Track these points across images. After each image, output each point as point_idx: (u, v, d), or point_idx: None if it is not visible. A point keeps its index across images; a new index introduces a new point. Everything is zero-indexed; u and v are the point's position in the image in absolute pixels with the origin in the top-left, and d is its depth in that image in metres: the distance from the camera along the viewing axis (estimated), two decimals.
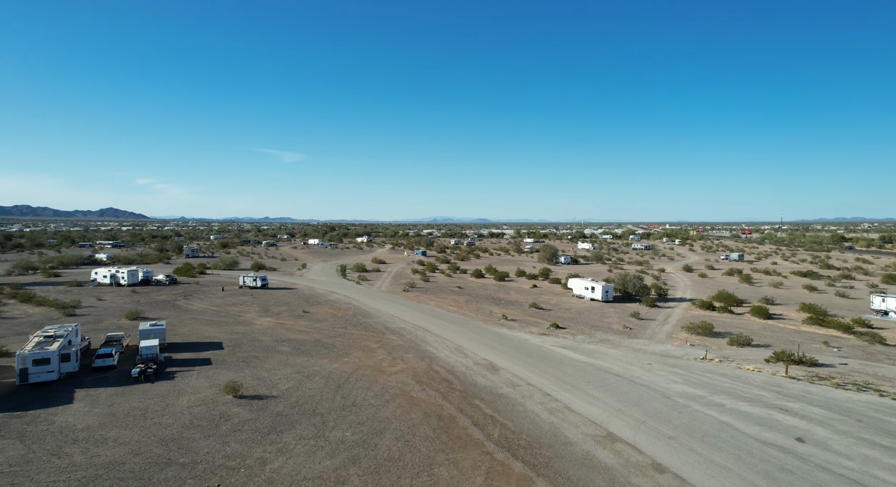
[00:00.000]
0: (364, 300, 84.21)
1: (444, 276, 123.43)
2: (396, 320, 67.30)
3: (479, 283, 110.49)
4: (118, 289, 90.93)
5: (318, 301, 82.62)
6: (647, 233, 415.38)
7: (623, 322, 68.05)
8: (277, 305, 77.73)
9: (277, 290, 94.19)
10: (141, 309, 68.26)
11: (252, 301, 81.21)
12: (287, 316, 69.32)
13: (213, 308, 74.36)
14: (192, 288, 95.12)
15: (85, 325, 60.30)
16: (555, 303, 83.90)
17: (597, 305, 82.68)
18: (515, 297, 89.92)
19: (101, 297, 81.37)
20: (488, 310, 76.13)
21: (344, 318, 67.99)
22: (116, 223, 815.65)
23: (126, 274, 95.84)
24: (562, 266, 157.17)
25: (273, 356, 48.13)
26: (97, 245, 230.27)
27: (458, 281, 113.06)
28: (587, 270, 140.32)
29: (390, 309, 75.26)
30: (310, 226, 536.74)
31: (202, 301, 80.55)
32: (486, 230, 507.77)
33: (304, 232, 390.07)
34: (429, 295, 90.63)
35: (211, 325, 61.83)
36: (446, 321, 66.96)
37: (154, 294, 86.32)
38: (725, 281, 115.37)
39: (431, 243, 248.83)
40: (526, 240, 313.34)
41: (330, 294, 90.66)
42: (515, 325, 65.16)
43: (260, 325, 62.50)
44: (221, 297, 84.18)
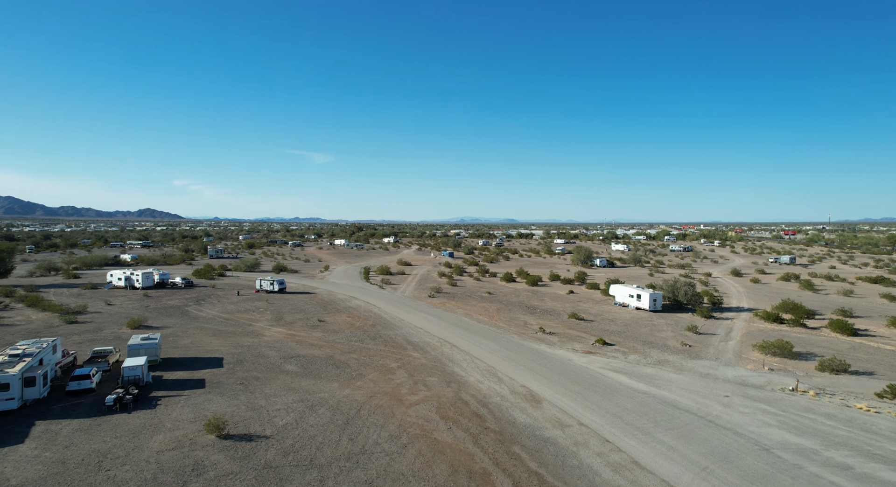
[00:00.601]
0: (386, 307, 77.47)
1: (473, 280, 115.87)
2: (420, 332, 60.15)
3: (510, 288, 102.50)
4: (131, 293, 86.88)
5: (337, 308, 76.30)
6: (683, 234, 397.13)
7: (679, 337, 59.08)
8: (292, 312, 71.74)
9: (295, 295, 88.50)
10: (145, 317, 63.16)
11: (266, 307, 75.53)
12: (300, 325, 63.09)
13: (223, 315, 68.87)
14: (207, 291, 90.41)
15: (81, 335, 55.40)
16: (596, 313, 75.28)
17: (644, 316, 73.64)
18: (551, 305, 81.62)
19: (111, 301, 77.15)
20: (522, 321, 68.22)
21: (362, 329, 61.28)
22: (152, 223, 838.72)
23: (140, 276, 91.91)
24: (597, 269, 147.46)
25: (276, 377, 41.63)
26: (127, 245, 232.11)
27: (487, 286, 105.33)
28: (625, 274, 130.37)
29: (414, 319, 68.23)
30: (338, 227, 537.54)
31: (214, 307, 75.35)
32: (514, 230, 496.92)
33: (331, 232, 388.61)
34: (456, 302, 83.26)
35: (216, 336, 56.03)
36: (476, 334, 59.39)
37: (166, 298, 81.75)
38: (783, 288, 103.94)
39: (459, 244, 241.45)
40: (556, 241, 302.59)
41: (350, 300, 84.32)
42: (555, 340, 57.06)
43: (269, 337, 56.36)
44: (235, 303, 78.87)
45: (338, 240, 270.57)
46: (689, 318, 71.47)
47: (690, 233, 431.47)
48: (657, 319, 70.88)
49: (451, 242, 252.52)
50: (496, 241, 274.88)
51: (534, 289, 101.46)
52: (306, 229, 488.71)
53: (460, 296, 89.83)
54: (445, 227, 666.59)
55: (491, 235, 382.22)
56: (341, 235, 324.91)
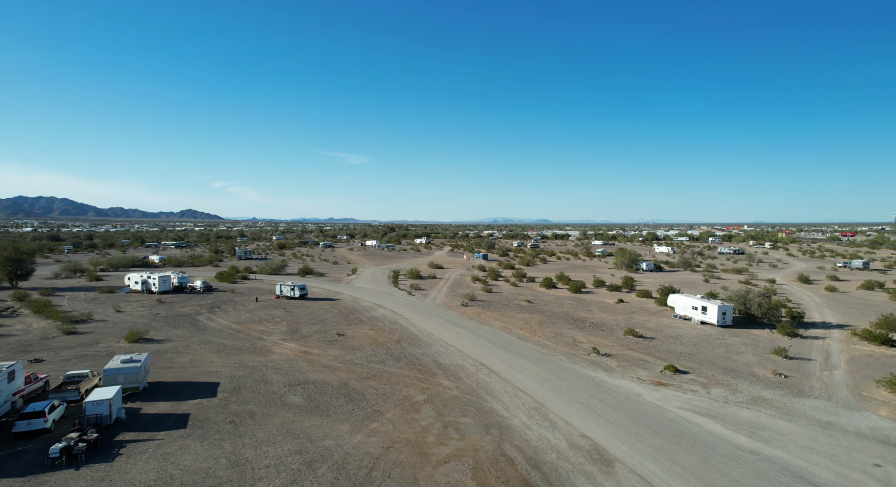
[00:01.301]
0: (414, 318, 69.38)
1: (509, 286, 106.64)
2: (451, 351, 51.65)
3: (551, 295, 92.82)
4: (146, 298, 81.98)
5: (359, 318, 68.74)
6: (729, 236, 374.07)
7: (767, 362, 48.39)
8: (310, 323, 64.54)
9: (317, 301, 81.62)
10: (146, 329, 57.04)
11: (283, 316, 68.70)
12: (316, 340, 55.63)
13: (234, 326, 62.30)
14: (224, 297, 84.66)
15: (73, 349, 49.55)
16: (654, 328, 64.97)
17: (713, 332, 62.84)
18: (601, 317, 71.67)
19: (121, 308, 72.04)
20: (571, 337, 58.75)
21: (385, 346, 53.28)
22: (192, 223, 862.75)
23: (157, 281, 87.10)
24: (644, 274, 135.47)
25: (276, 412, 33.99)
26: (161, 245, 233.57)
27: (525, 293, 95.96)
28: (677, 280, 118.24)
29: (445, 333, 59.81)
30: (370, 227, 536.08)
31: (227, 315, 69.09)
32: (548, 231, 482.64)
33: (363, 233, 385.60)
34: (492, 312, 74.42)
35: (219, 353, 49.15)
36: (517, 355, 50.40)
37: (180, 304, 76.23)
38: (870, 299, 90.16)
39: (492, 245, 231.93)
40: (594, 243, 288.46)
41: (375, 308, 76.70)
42: (614, 365, 47.45)
43: (278, 355, 49.07)
44: (251, 311, 72.48)
45: (369, 240, 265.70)
46: (768, 336, 60.31)
47: (736, 234, 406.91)
48: (730, 337, 60.02)
49: (484, 243, 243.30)
50: (531, 243, 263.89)
51: (578, 297, 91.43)
52: (339, 230, 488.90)
53: (496, 305, 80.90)
54: (478, 228, 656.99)
55: (525, 236, 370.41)
56: (373, 236, 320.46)
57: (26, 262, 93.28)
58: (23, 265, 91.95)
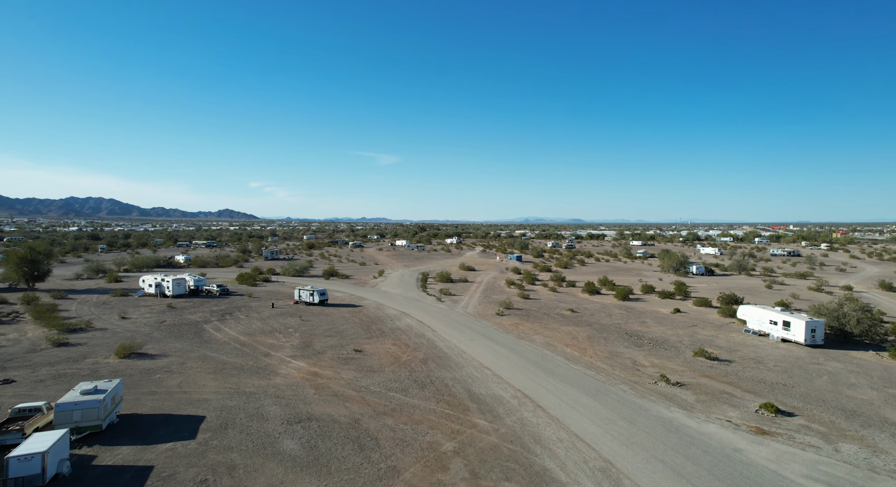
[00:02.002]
0: (443, 329, 61.14)
1: (548, 291, 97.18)
2: (487, 376, 43.10)
3: (595, 303, 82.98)
4: (156, 303, 76.70)
5: (381, 329, 60.99)
6: (777, 236, 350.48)
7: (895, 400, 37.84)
8: (326, 335, 57.17)
9: (337, 308, 74.48)
10: (139, 343, 50.59)
11: (297, 327, 61.65)
12: (330, 357, 48.09)
13: (242, 337, 55.54)
14: (240, 302, 78.61)
15: (54, 366, 43.45)
16: (727, 346, 54.62)
17: (802, 354, 52.04)
18: (659, 331, 61.66)
19: (127, 314, 66.62)
20: (629, 358, 49.26)
21: (409, 367, 45.22)
22: (228, 223, 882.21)
23: (171, 284, 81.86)
24: (695, 278, 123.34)
25: (263, 467, 26.33)
26: (192, 245, 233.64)
27: (566, 299, 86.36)
28: (733, 285, 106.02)
29: (478, 351, 51.28)
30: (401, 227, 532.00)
31: (238, 324, 62.59)
32: (583, 231, 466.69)
33: (394, 232, 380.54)
34: (532, 323, 65.46)
35: (217, 374, 42.15)
36: (568, 383, 41.40)
37: (190, 310, 70.39)
38: None
39: (526, 246, 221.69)
40: (633, 243, 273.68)
41: (400, 317, 68.89)
42: (691, 399, 37.91)
43: (283, 377, 41.70)
44: (264, 319, 65.83)
45: (399, 240, 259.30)
46: (876, 361, 49.19)
47: (784, 234, 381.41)
48: (827, 361, 49.19)
49: (517, 244, 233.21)
50: (566, 243, 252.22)
51: (627, 306, 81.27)
52: (370, 229, 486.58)
53: (536, 314, 71.83)
54: (510, 228, 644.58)
55: (559, 236, 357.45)
56: (404, 235, 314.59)
57: (43, 263, 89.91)
58: (39, 266, 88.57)
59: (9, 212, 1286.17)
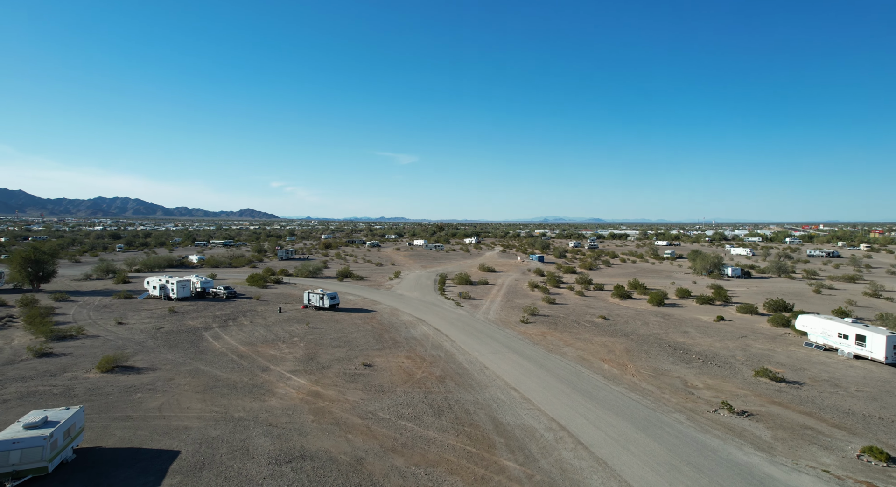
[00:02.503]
0: (462, 339, 55.14)
1: (575, 295, 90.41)
2: (514, 400, 36.93)
3: (628, 309, 76.01)
4: (161, 305, 72.49)
5: (395, 339, 55.28)
6: (810, 236, 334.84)
7: None
8: (333, 345, 51.70)
9: (348, 314, 69.16)
10: (125, 354, 45.56)
11: (303, 335, 56.36)
12: (335, 373, 42.54)
13: (241, 347, 50.42)
14: (247, 305, 73.92)
15: (27, 382, 38.69)
16: (790, 364, 47.37)
17: (886, 375, 44.38)
18: (706, 344, 54.60)
19: (125, 320, 62.26)
20: (677, 377, 42.55)
21: (424, 386, 39.37)
22: (248, 222, 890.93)
23: (175, 286, 77.64)
24: (730, 280, 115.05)
25: None
26: (210, 244, 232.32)
27: (596, 304, 79.57)
28: (776, 289, 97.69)
29: (503, 366, 45.14)
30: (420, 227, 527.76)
31: (240, 331, 57.62)
32: (604, 231, 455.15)
33: (412, 232, 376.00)
34: (561, 333, 59.02)
35: (205, 393, 36.93)
36: (611, 410, 34.96)
37: (192, 315, 65.83)
38: None
39: (547, 246, 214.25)
40: (658, 244, 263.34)
41: (416, 324, 63.15)
42: (765, 435, 31.15)
43: (280, 398, 36.25)
44: (268, 325, 60.78)
45: (417, 240, 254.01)
46: None
47: (817, 233, 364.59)
48: None
49: (537, 244, 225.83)
50: (588, 243, 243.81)
51: (663, 312, 74.12)
52: (388, 229, 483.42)
53: (564, 322, 65.33)
54: (529, 227, 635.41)
55: (580, 236, 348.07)
56: (422, 235, 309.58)
57: (48, 264, 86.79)
58: (44, 267, 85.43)
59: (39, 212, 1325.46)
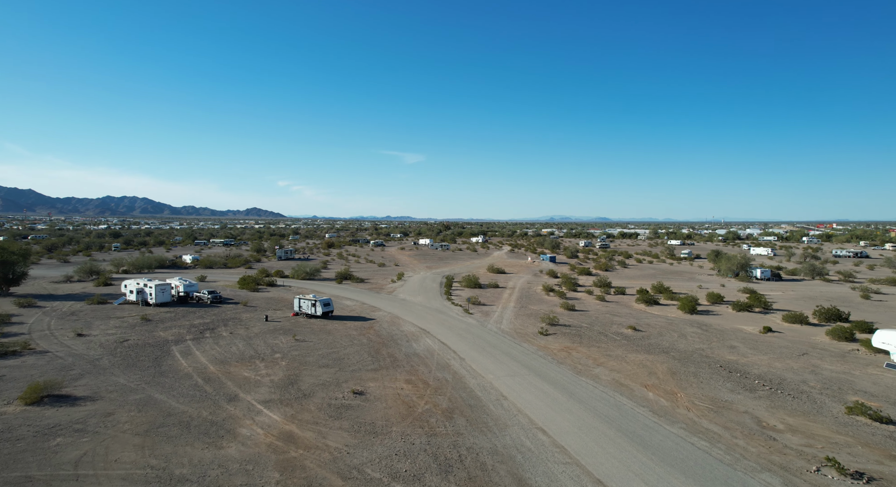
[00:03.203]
0: (473, 357, 46.90)
1: (595, 300, 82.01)
2: (544, 447, 28.60)
3: (657, 317, 67.51)
4: (137, 312, 64.87)
5: (394, 356, 47.13)
6: (828, 235, 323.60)
7: None
8: (320, 365, 43.62)
9: (343, 322, 61.17)
10: (59, 381, 37.52)
11: (288, 350, 48.33)
12: (318, 405, 34.44)
13: (212, 367, 42.50)
14: (231, 312, 66.17)
15: None
16: (883, 394, 38.45)
17: None
18: (762, 362, 45.98)
19: (89, 330, 54.50)
20: (745, 412, 34.09)
21: (426, 425, 31.22)
22: (254, 221, 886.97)
23: (154, 290, 70.03)
24: (760, 283, 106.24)
25: None
26: (210, 243, 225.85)
27: (620, 311, 71.13)
28: (815, 294, 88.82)
29: (524, 396, 36.78)
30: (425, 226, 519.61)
31: (216, 345, 49.75)
32: (612, 230, 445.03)
33: (417, 231, 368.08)
34: (587, 347, 50.67)
35: (146, 438, 28.95)
36: (675, 467, 26.57)
37: (166, 324, 58.06)
38: None
39: (557, 245, 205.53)
40: (672, 243, 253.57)
41: (419, 336, 55.01)
42: None
43: (242, 443, 28.23)
44: (249, 338, 52.85)
45: (423, 239, 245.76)
46: None
47: (835, 233, 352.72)
48: None
49: (547, 243, 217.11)
50: (599, 242, 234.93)
51: (698, 321, 65.54)
52: (394, 228, 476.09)
53: (589, 333, 56.94)
54: (535, 226, 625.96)
55: (589, 235, 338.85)
56: (427, 234, 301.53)
57: (18, 265, 79.48)
58: (13, 268, 78.12)
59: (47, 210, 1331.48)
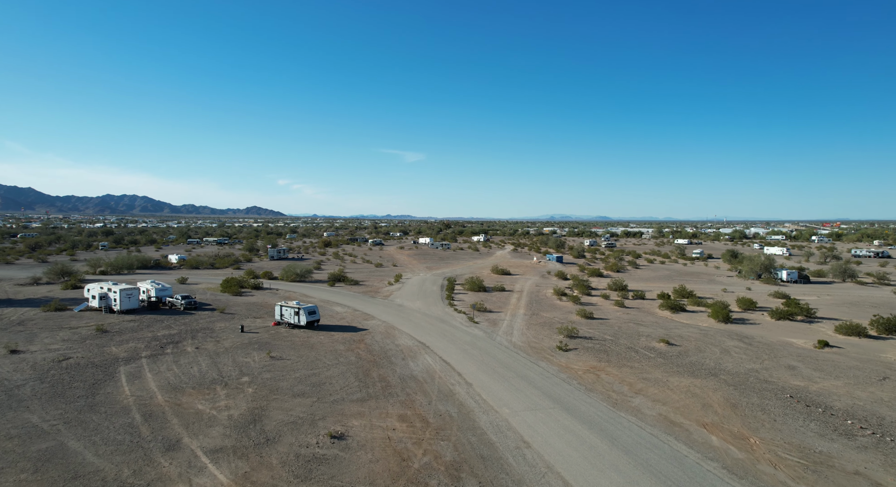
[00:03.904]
0: (482, 382, 38.57)
1: (613, 305, 73.83)
2: None
3: (688, 326, 59.23)
4: (96, 320, 56.70)
5: (386, 380, 38.83)
6: (838, 234, 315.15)
7: None
8: (294, 394, 35.29)
9: (330, 334, 52.93)
10: None
11: (258, 371, 40.01)
12: (281, 458, 26.13)
13: (159, 396, 34.21)
14: (203, 321, 57.96)
15: None
16: None
17: None
18: (838, 390, 37.62)
19: (30, 343, 46.13)
20: (854, 473, 25.85)
21: None
22: (253, 219, 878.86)
23: (119, 296, 61.83)
24: (788, 285, 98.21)
25: None
26: (203, 242, 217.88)
27: (643, 319, 62.85)
28: (854, 297, 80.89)
29: (553, 444, 28.45)
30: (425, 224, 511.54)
31: (174, 364, 41.50)
32: (614, 228, 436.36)
33: (417, 229, 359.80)
34: (618, 367, 42.42)
35: None
36: None
37: (122, 336, 49.78)
38: None
39: (562, 244, 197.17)
40: (678, 242, 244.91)
41: (416, 353, 46.73)
42: None
43: None
44: (217, 354, 44.58)
45: (423, 238, 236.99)
46: None
47: (845, 232, 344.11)
48: None
49: (551, 242, 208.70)
50: (604, 242, 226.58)
51: (736, 332, 57.22)
52: (393, 226, 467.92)
53: (616, 348, 48.65)
54: (536, 225, 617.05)
55: (592, 234, 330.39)
56: (427, 233, 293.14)
57: None
58: None
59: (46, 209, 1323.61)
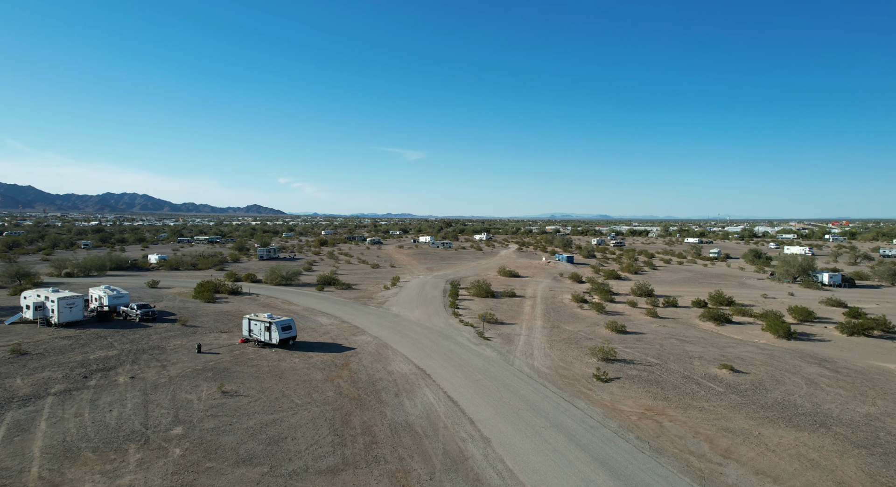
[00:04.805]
0: (503, 436, 28.02)
1: (644, 315, 63.48)
2: None
3: (746, 345, 48.71)
4: (26, 335, 46.25)
5: (371, 431, 28.26)
6: (853, 233, 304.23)
7: None
8: (237, 459, 24.56)
9: (307, 355, 42.41)
10: None
11: (199, 418, 29.53)
12: None
13: (34, 469, 23.85)
14: (154, 338, 47.46)
15: None
16: None
17: None
18: None
19: None
20: None
21: None
22: (253, 218, 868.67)
23: (58, 305, 51.35)
24: (832, 290, 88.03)
25: None
26: (194, 240, 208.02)
27: (686, 334, 52.29)
28: None
29: None
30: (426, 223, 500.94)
31: (91, 404, 31.03)
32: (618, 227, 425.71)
33: (418, 228, 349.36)
34: (681, 410, 31.92)
35: None
36: None
37: (43, 360, 39.24)
38: None
39: (569, 243, 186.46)
40: (689, 241, 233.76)
41: (414, 385, 36.16)
42: None
43: None
44: (153, 389, 34.07)
45: (423, 236, 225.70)
46: None
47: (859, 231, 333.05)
48: None
49: (556, 241, 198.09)
50: (611, 240, 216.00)
51: (807, 352, 46.67)
52: (393, 225, 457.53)
53: (669, 378, 38.09)
54: (538, 223, 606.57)
55: (597, 232, 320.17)
56: (428, 231, 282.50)
57: None
58: None
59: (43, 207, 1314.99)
